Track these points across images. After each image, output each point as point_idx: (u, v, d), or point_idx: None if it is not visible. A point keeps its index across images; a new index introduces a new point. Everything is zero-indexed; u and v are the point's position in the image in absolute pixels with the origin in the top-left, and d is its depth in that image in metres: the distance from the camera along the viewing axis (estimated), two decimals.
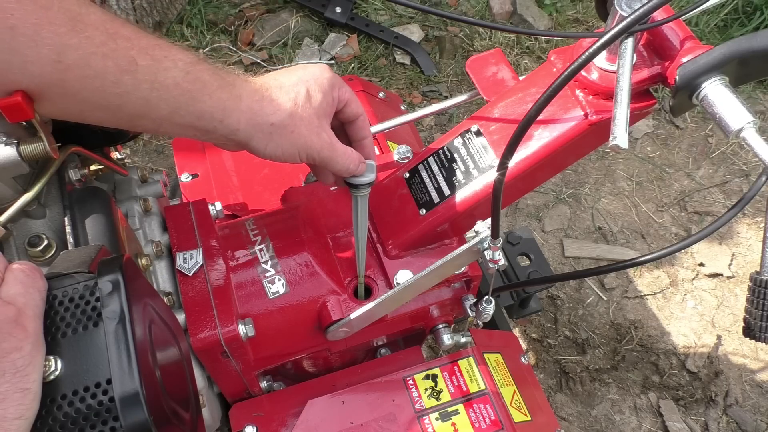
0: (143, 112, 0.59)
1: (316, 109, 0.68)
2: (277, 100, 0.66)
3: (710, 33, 2.40)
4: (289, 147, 0.68)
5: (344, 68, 2.36)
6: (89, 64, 0.54)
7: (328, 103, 0.70)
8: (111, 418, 0.48)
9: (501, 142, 0.81)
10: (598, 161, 2.19)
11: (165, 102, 0.59)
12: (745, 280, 1.94)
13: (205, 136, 0.66)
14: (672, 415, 1.71)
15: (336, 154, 0.71)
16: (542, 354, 1.81)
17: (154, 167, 2.11)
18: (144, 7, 2.23)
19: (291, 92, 0.67)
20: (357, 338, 0.91)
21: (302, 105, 0.67)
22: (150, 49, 0.58)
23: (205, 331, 0.77)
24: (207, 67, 0.62)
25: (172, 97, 0.59)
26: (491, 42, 2.44)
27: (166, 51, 0.59)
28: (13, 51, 0.51)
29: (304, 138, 0.68)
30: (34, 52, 0.51)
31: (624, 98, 0.63)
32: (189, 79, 0.60)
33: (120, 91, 0.57)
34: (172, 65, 0.59)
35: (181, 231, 0.86)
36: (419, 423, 0.87)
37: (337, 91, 0.71)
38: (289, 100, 0.67)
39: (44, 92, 0.55)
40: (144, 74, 0.57)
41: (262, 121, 0.65)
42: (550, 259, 1.98)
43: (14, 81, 0.53)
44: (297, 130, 0.67)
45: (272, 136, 0.67)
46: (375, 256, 0.89)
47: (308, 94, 0.68)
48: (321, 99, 0.69)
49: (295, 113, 0.67)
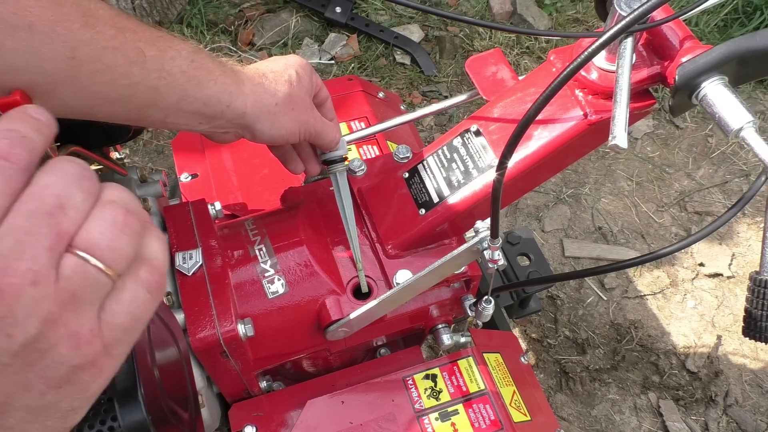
0: (152, 101, 0.61)
1: (306, 89, 0.76)
2: (276, 81, 0.72)
3: (710, 33, 2.40)
4: (292, 124, 0.74)
5: (344, 68, 2.36)
6: (100, 59, 0.55)
7: (312, 85, 0.78)
8: (109, 418, 0.48)
9: (500, 141, 0.81)
10: (598, 161, 2.19)
11: (173, 90, 0.62)
12: (745, 280, 1.94)
13: (211, 122, 0.68)
14: (672, 415, 1.71)
15: (325, 126, 0.80)
16: (542, 354, 1.81)
17: (154, 167, 2.11)
18: (144, 7, 2.23)
19: (285, 74, 0.74)
20: (356, 338, 0.91)
21: (296, 85, 0.74)
22: (155, 41, 0.60)
23: (205, 331, 0.77)
24: (208, 55, 0.66)
25: (179, 84, 0.62)
26: (491, 42, 2.44)
27: (169, 42, 0.62)
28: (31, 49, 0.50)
29: (302, 114, 0.75)
30: (49, 48, 0.51)
31: (623, 98, 0.63)
32: (194, 66, 0.63)
33: (129, 83, 0.58)
34: (177, 54, 0.62)
35: (180, 231, 0.86)
36: (419, 423, 0.87)
37: (314, 76, 0.79)
38: (285, 81, 0.73)
39: (55, 89, 0.54)
40: (152, 64, 0.59)
41: (267, 101, 0.70)
42: (550, 259, 1.98)
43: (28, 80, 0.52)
44: (297, 108, 0.74)
45: (277, 116, 0.72)
46: (374, 256, 0.89)
47: (298, 77, 0.75)
48: (307, 81, 0.77)
49: (292, 93, 0.73)
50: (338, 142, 0.84)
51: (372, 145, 1.15)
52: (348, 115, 1.19)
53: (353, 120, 1.19)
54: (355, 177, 0.93)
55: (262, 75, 0.72)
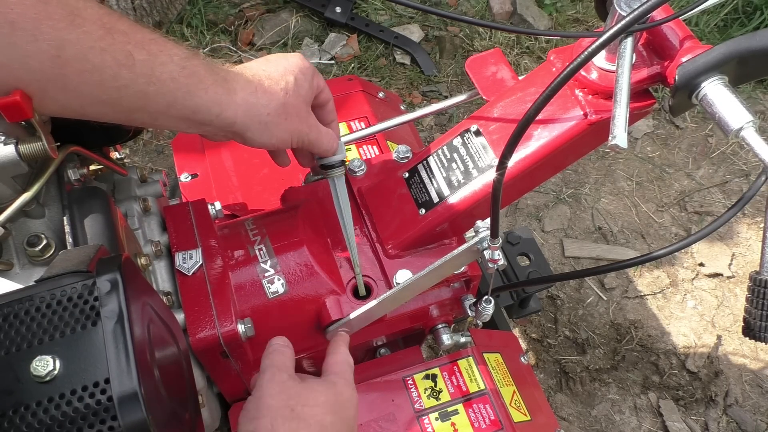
0: (140, 106, 0.60)
1: (303, 96, 0.73)
2: (269, 90, 0.69)
3: (710, 33, 2.40)
4: (283, 134, 0.72)
5: (344, 68, 2.36)
6: (88, 59, 0.54)
7: (310, 91, 0.75)
8: (109, 418, 0.47)
9: (500, 141, 0.81)
10: (598, 161, 2.19)
11: (162, 96, 0.61)
12: (745, 280, 1.94)
13: (201, 128, 0.67)
14: (672, 415, 1.71)
15: (321, 135, 0.77)
16: (542, 354, 1.81)
17: (154, 167, 2.11)
18: (144, 7, 2.23)
19: (281, 82, 0.71)
20: (356, 338, 0.91)
21: (292, 93, 0.71)
22: (146, 44, 0.59)
23: (205, 331, 0.77)
24: (201, 62, 0.64)
25: (169, 91, 0.61)
26: (491, 42, 2.44)
27: (161, 45, 0.60)
28: (13, 46, 0.51)
29: (295, 124, 0.73)
30: (33, 46, 0.51)
31: (623, 98, 0.63)
32: (185, 74, 0.62)
33: (118, 85, 0.57)
34: (168, 60, 0.60)
35: (180, 231, 0.86)
36: (419, 423, 0.87)
37: (316, 79, 0.76)
38: (281, 89, 0.70)
39: (44, 88, 0.55)
40: (141, 68, 0.58)
41: (258, 112, 0.68)
42: (550, 259, 1.98)
43: (15, 77, 0.53)
44: (289, 118, 0.72)
45: (268, 126, 0.70)
46: (374, 255, 0.89)
47: (296, 83, 0.72)
48: (306, 88, 0.74)
49: (287, 102, 0.71)
50: (335, 150, 0.81)
51: (372, 145, 1.15)
52: (348, 115, 1.19)
53: (353, 120, 1.19)
54: (355, 177, 0.93)
55: (258, 82, 0.69)
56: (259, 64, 0.73)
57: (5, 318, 0.50)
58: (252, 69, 0.71)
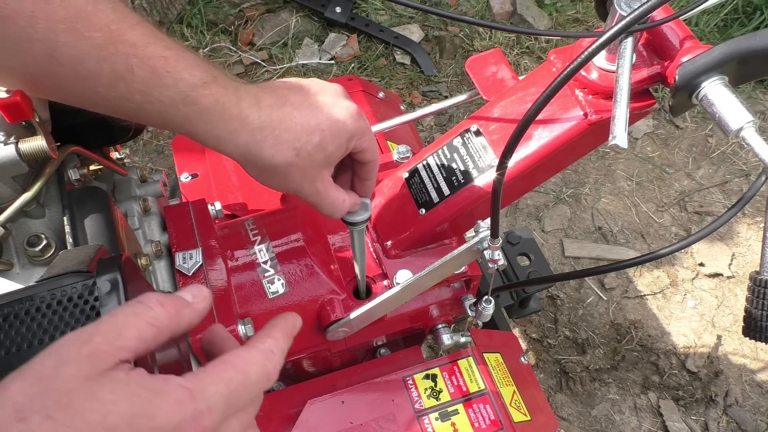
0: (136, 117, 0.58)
1: (320, 160, 0.64)
2: (280, 144, 0.61)
3: (710, 33, 2.40)
4: (277, 186, 0.66)
5: (344, 68, 2.36)
6: (83, 64, 0.53)
7: (337, 152, 0.65)
8: None
9: (500, 141, 0.81)
10: (598, 161, 2.19)
11: (159, 115, 0.57)
12: (745, 280, 1.94)
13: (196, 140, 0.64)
14: (672, 415, 1.71)
15: (322, 201, 0.67)
16: (542, 354, 1.81)
17: (154, 167, 2.11)
18: (144, 7, 2.23)
19: (300, 140, 0.61)
20: (357, 338, 0.91)
21: (305, 157, 0.62)
22: (153, 60, 0.55)
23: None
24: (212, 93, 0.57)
25: (166, 112, 0.57)
26: (491, 42, 2.44)
27: (172, 65, 0.55)
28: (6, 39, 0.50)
29: (295, 183, 0.65)
30: (26, 44, 0.51)
31: (623, 98, 0.63)
32: (186, 102, 0.56)
33: (114, 95, 0.55)
34: (172, 83, 0.55)
35: (180, 231, 0.86)
36: (419, 423, 0.87)
37: (355, 141, 0.66)
38: (293, 149, 0.61)
39: (38, 81, 0.54)
40: (139, 85, 0.55)
41: (256, 159, 0.62)
42: (550, 259, 1.98)
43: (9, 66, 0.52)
44: (290, 177, 0.64)
45: (264, 173, 0.64)
46: (374, 255, 0.89)
47: (319, 145, 0.62)
48: (331, 150, 0.64)
49: (293, 164, 0.62)
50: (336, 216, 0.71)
51: None
52: None
53: None
54: None
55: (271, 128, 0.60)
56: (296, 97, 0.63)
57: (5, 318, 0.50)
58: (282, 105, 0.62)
